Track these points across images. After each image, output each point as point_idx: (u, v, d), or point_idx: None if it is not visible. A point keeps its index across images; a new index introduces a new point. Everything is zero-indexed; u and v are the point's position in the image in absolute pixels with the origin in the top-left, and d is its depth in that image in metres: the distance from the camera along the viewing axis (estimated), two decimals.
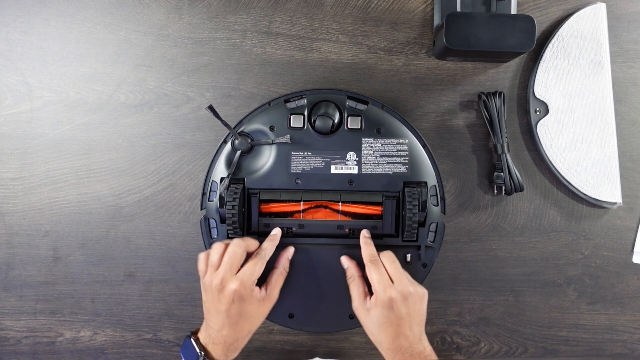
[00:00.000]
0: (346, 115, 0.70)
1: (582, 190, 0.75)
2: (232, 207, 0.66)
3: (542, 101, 0.75)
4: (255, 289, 0.64)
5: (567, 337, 0.78)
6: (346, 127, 0.70)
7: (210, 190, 0.70)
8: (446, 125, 0.77)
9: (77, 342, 0.76)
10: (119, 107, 0.76)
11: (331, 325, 0.69)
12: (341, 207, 0.70)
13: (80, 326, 0.76)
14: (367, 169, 0.70)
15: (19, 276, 0.76)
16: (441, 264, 0.77)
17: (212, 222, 0.70)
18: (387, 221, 0.69)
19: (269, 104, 0.71)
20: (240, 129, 0.70)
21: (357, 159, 0.70)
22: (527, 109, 0.76)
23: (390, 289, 0.63)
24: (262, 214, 0.70)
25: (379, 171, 0.70)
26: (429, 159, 0.70)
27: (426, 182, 0.70)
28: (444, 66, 0.77)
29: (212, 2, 0.76)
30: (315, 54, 0.76)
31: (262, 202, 0.69)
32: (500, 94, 0.74)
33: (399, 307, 0.63)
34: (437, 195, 0.70)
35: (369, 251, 0.67)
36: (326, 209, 0.70)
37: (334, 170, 0.70)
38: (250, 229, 0.70)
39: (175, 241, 0.76)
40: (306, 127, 0.70)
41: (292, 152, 0.70)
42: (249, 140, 0.69)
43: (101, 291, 0.76)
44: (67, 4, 0.75)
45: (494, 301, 0.77)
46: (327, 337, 0.77)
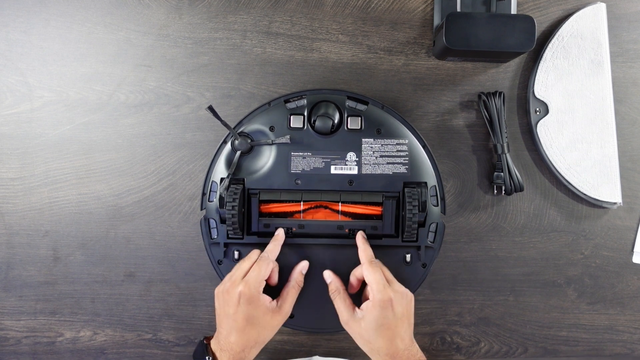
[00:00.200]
0: (346, 115, 0.70)
1: (582, 190, 0.75)
2: (232, 208, 0.66)
3: (542, 101, 0.75)
4: (264, 295, 0.64)
5: (567, 337, 0.78)
6: (346, 128, 0.70)
7: (210, 190, 0.70)
8: (446, 125, 0.77)
9: (77, 342, 0.77)
10: (119, 107, 0.76)
11: (331, 325, 0.69)
12: (341, 207, 0.70)
13: (80, 326, 0.76)
14: (367, 169, 0.70)
15: (19, 276, 0.76)
16: (441, 264, 0.77)
17: (212, 223, 0.70)
18: (387, 221, 0.69)
19: (269, 104, 0.71)
20: (240, 130, 0.70)
21: (357, 159, 0.70)
22: (527, 109, 0.76)
23: (388, 289, 0.63)
24: (262, 214, 0.70)
25: (379, 171, 0.70)
26: (429, 159, 0.70)
27: (426, 183, 0.70)
28: (444, 66, 0.77)
29: (212, 2, 0.76)
30: (315, 54, 0.76)
31: (262, 202, 0.69)
32: (500, 94, 0.74)
33: (396, 307, 0.63)
34: (437, 195, 0.70)
35: (368, 252, 0.67)
36: (326, 209, 0.70)
37: (333, 170, 0.70)
38: (250, 230, 0.70)
39: (175, 241, 0.76)
40: (306, 127, 0.70)
41: (292, 153, 0.70)
42: (249, 140, 0.69)
43: (101, 291, 0.76)
44: (67, 4, 0.75)
45: (494, 301, 0.77)
46: (327, 337, 0.77)
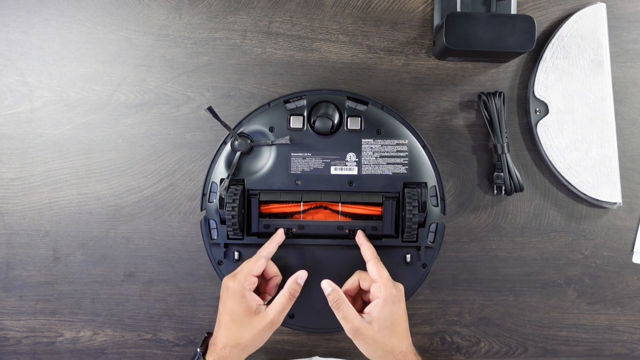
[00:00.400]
0: (346, 115, 0.70)
1: (582, 190, 0.75)
2: (232, 209, 0.66)
3: (542, 101, 0.75)
4: (252, 294, 0.63)
5: (567, 337, 0.78)
6: (346, 128, 0.70)
7: (210, 191, 0.70)
8: (446, 125, 0.77)
9: (77, 342, 0.77)
10: (119, 107, 0.76)
11: (331, 325, 0.69)
12: (341, 207, 0.70)
13: (80, 326, 0.76)
14: (366, 170, 0.70)
15: (19, 276, 0.76)
16: (441, 264, 0.77)
17: (212, 223, 0.70)
18: (387, 222, 0.69)
19: (269, 104, 0.70)
20: (239, 130, 0.70)
21: (357, 159, 0.70)
22: (527, 109, 0.76)
23: (396, 284, 0.64)
24: (262, 215, 0.70)
25: (379, 172, 0.70)
26: (429, 159, 0.70)
27: (426, 183, 0.70)
28: (444, 66, 0.77)
29: (212, 2, 0.76)
30: (315, 54, 0.76)
31: (262, 203, 0.69)
32: (500, 94, 0.74)
33: (402, 301, 0.64)
34: (437, 195, 0.70)
35: (372, 250, 0.67)
36: (326, 209, 0.70)
37: (333, 171, 0.70)
38: (250, 230, 0.70)
39: (175, 241, 0.76)
40: (306, 128, 0.70)
41: (292, 153, 0.69)
42: (249, 141, 0.69)
43: (101, 291, 0.76)
44: (67, 4, 0.75)
45: (494, 301, 0.77)
46: (327, 337, 0.77)
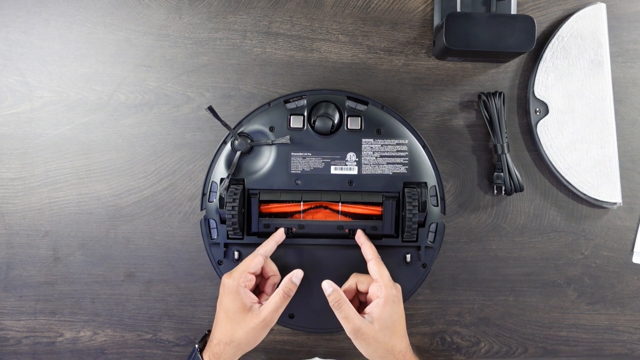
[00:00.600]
0: (346, 115, 0.70)
1: (582, 190, 0.75)
2: (232, 208, 0.66)
3: (542, 101, 0.75)
4: (247, 292, 0.63)
5: (567, 337, 0.78)
6: (346, 128, 0.70)
7: (210, 190, 0.70)
8: (446, 125, 0.77)
9: (77, 342, 0.77)
10: (119, 107, 0.76)
11: (331, 325, 0.69)
12: (341, 207, 0.70)
13: (80, 326, 0.76)
14: (367, 170, 0.70)
15: (19, 276, 0.76)
16: (441, 264, 0.77)
17: (212, 223, 0.70)
18: (387, 221, 0.69)
19: (269, 104, 0.71)
20: (240, 130, 0.70)
21: (357, 159, 0.70)
22: (527, 109, 0.76)
23: (395, 285, 0.65)
24: (262, 214, 0.70)
25: (379, 172, 0.70)
26: (429, 159, 0.70)
27: (426, 183, 0.70)
28: (444, 66, 0.77)
29: (212, 2, 0.76)
30: (315, 54, 0.76)
31: (262, 202, 0.69)
32: (500, 94, 0.74)
33: (401, 301, 0.65)
34: (437, 195, 0.70)
35: (373, 249, 0.67)
36: (326, 209, 0.70)
37: (333, 170, 0.70)
38: (250, 230, 0.70)
39: (175, 241, 0.76)
40: (306, 127, 0.70)
41: (292, 153, 0.70)
42: (249, 140, 0.69)
43: (101, 291, 0.76)
44: (67, 4, 0.75)
45: (494, 301, 0.77)
46: (327, 337, 0.77)
